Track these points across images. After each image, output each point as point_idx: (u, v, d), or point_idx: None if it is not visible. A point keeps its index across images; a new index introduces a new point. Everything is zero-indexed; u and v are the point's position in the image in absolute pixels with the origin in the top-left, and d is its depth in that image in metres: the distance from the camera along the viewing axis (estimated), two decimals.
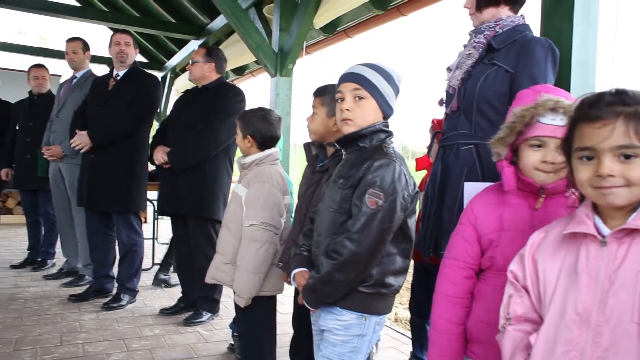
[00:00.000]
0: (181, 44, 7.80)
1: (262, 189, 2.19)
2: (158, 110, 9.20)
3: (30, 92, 4.59)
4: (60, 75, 7.72)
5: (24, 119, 4.46)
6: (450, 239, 1.49)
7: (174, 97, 9.00)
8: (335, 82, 1.67)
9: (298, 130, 4.49)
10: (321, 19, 4.54)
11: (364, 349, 1.58)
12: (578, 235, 1.01)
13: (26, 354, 2.64)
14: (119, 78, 3.58)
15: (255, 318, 2.25)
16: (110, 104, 3.49)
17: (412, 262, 1.84)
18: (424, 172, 2.65)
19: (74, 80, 4.16)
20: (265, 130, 2.32)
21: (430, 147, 2.57)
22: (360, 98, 1.56)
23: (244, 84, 7.58)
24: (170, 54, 8.58)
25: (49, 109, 4.21)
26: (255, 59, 6.27)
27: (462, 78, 1.92)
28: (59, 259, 4.58)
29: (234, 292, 2.21)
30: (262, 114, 2.37)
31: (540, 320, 1.05)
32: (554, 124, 1.27)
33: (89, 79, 4.05)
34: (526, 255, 1.09)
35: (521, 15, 1.92)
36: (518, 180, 1.35)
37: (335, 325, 1.57)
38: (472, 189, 1.79)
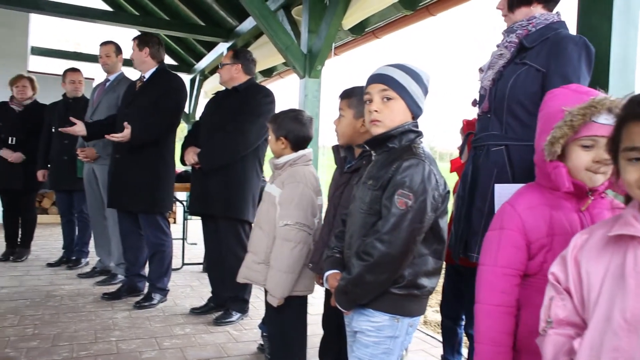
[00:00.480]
0: (210, 46, 7.89)
1: (296, 189, 2.21)
2: (186, 112, 9.40)
3: (64, 95, 4.70)
4: (93, 79, 7.91)
5: (60, 121, 4.55)
6: (490, 244, 1.44)
7: (203, 99, 9.12)
8: (363, 83, 1.67)
9: (326, 132, 4.50)
10: (350, 20, 4.54)
11: (397, 350, 1.58)
12: (624, 238, 0.98)
13: (63, 350, 2.71)
14: (144, 80, 3.65)
15: (287, 318, 2.26)
16: (135, 105, 3.56)
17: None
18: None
19: (107, 83, 4.24)
20: (297, 130, 2.33)
21: (462, 149, 2.54)
22: (389, 99, 1.55)
23: (272, 86, 7.63)
24: (199, 57, 8.69)
25: (84, 112, 4.30)
26: (284, 61, 6.32)
27: (493, 78, 1.90)
28: (92, 258, 4.68)
29: (267, 292, 2.21)
30: (293, 114, 2.38)
31: (584, 325, 1.02)
32: (608, 123, 1.24)
33: (122, 82, 4.14)
34: (568, 257, 1.07)
35: (556, 12, 1.88)
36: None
37: (368, 326, 1.56)
38: (502, 191, 1.77)
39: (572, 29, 1.91)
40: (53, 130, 4.62)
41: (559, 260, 1.09)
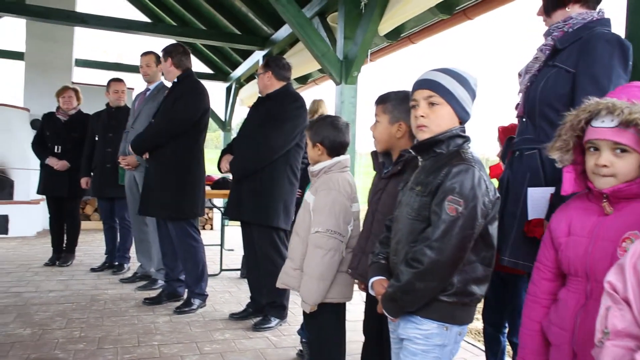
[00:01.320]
0: (245, 54, 8.01)
1: (328, 197, 2.21)
2: (222, 119, 9.52)
3: (107, 105, 4.85)
4: (132, 89, 8.13)
5: (103, 130, 4.71)
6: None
7: (239, 107, 9.25)
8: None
9: (363, 138, 4.49)
10: (386, 26, 4.52)
11: (445, 359, 1.55)
12: None
13: (109, 352, 2.77)
14: (169, 88, 3.75)
15: (322, 325, 2.25)
16: (159, 113, 3.66)
17: None
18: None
19: (148, 92, 4.34)
20: (334, 136, 2.33)
21: (503, 155, 2.49)
22: (435, 104, 1.54)
23: (307, 93, 7.68)
24: (235, 65, 8.82)
25: (126, 120, 4.42)
26: (319, 68, 6.35)
27: (529, 82, 1.88)
28: (133, 263, 4.79)
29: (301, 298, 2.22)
30: (329, 120, 2.39)
31: None
32: (604, 126, 1.27)
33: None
34: (627, 265, 1.02)
35: (599, 10, 1.82)
36: (586, 186, 1.37)
37: (416, 334, 1.54)
38: (536, 194, 1.76)
39: (621, 29, 1.85)
40: (97, 138, 4.76)
41: (616, 269, 1.05)
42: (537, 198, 1.55)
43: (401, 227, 1.59)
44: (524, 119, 1.88)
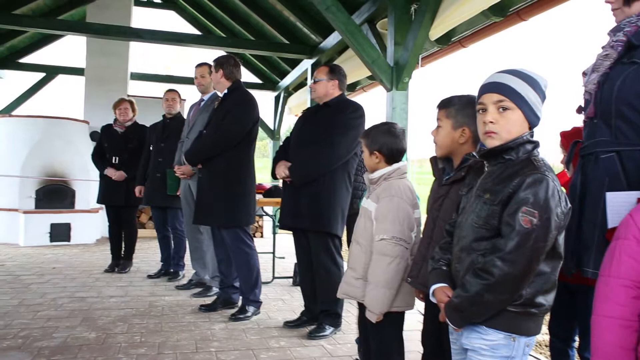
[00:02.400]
0: (294, 63, 8.10)
1: (391, 203, 2.18)
2: (271, 128, 9.66)
3: (163, 116, 4.99)
4: (184, 100, 8.37)
5: (157, 140, 4.85)
6: (608, 255, 1.38)
7: (287, 116, 9.35)
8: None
9: (416, 144, 4.44)
10: (437, 31, 4.47)
11: None
12: None
13: (168, 358, 2.84)
14: (219, 99, 3.82)
15: (386, 334, 2.22)
16: (211, 124, 3.74)
17: None
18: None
19: (202, 103, 4.44)
20: (391, 143, 2.31)
21: (567, 161, 2.39)
22: (505, 109, 1.48)
23: (356, 100, 7.67)
24: (283, 74, 8.93)
25: (180, 130, 4.53)
26: (368, 75, 6.34)
27: (598, 81, 1.77)
28: (188, 270, 4.90)
29: (365, 308, 2.19)
30: (386, 128, 2.37)
31: None
32: None
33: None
34: None
35: None
36: None
37: (481, 345, 1.49)
38: (616, 200, 1.65)
39: None
40: (151, 148, 4.91)
41: None
42: (619, 203, 1.46)
43: (465, 234, 1.55)
44: (594, 121, 1.76)
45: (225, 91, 3.76)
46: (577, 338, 2.33)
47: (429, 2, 4.14)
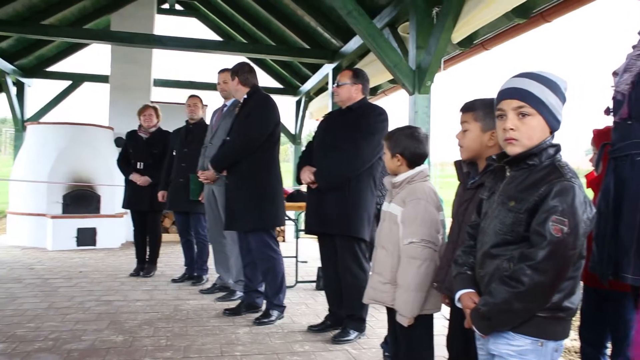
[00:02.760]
0: (314, 68, 8.13)
1: (418, 206, 2.17)
2: (292, 133, 9.70)
3: (186, 121, 5.05)
4: (206, 105, 8.47)
5: (180, 145, 4.91)
6: None
7: (308, 120, 9.38)
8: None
9: (437, 148, 4.41)
10: (459, 34, 4.45)
11: None
12: None
13: None
14: (239, 105, 3.87)
15: (417, 337, 2.21)
16: (233, 130, 3.78)
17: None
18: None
19: (225, 108, 4.48)
20: (413, 147, 2.30)
21: (596, 162, 2.35)
22: (525, 115, 1.45)
23: (377, 104, 7.67)
24: (304, 79, 8.97)
25: (203, 136, 4.57)
26: (389, 79, 6.34)
27: (632, 82, 1.74)
28: (212, 275, 4.93)
29: (393, 311, 2.18)
30: (409, 131, 2.37)
31: None
32: None
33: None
34: None
35: None
36: None
37: (508, 350, 1.47)
38: None
39: None
40: (174, 153, 4.97)
41: None
42: None
43: (488, 240, 1.54)
44: (628, 122, 1.73)
45: (245, 97, 3.79)
46: (609, 345, 2.29)
47: (451, 5, 4.12)
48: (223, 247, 4.49)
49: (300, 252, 5.30)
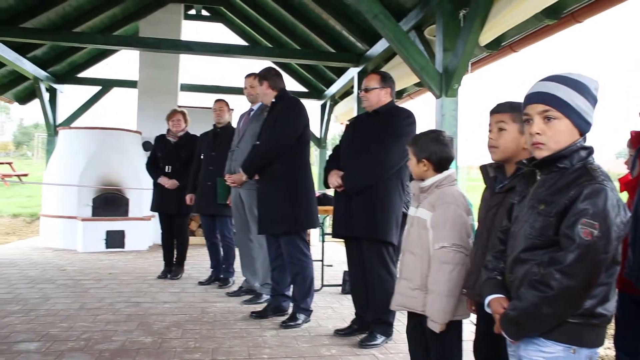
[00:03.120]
0: (340, 72, 8.14)
1: (448, 211, 2.15)
2: (317, 136, 9.73)
3: (214, 125, 5.11)
4: (232, 109, 8.56)
5: (207, 149, 4.97)
6: None
7: (333, 124, 9.39)
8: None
9: (465, 151, 4.37)
10: (487, 36, 4.41)
11: None
12: None
13: None
14: (268, 109, 3.89)
15: (448, 343, 2.18)
16: (262, 134, 3.80)
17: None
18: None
19: (252, 112, 4.51)
20: (439, 152, 2.29)
21: (632, 164, 2.30)
22: (551, 119, 1.44)
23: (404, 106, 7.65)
24: (329, 83, 8.98)
25: (230, 139, 4.61)
26: (415, 82, 6.30)
27: None
28: (238, 277, 4.97)
29: (426, 318, 2.16)
30: (434, 135, 2.35)
31: None
32: None
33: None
34: None
35: None
36: None
37: (539, 357, 1.45)
38: None
39: None
40: (202, 157, 5.03)
41: None
42: None
43: (518, 244, 1.52)
44: None
45: (273, 100, 3.82)
46: None
47: (478, 7, 4.08)
48: (250, 250, 4.52)
49: (325, 255, 5.29)
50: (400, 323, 3.66)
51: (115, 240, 7.36)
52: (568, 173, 1.43)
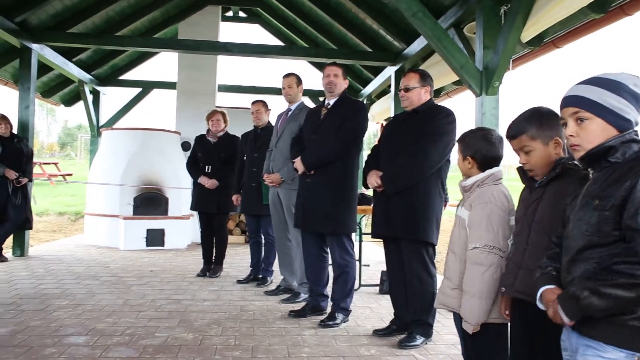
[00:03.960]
0: (376, 71, 8.09)
1: (484, 210, 2.12)
2: None
3: (255, 126, 5.15)
4: (270, 109, 8.63)
5: (250, 150, 5.02)
6: None
7: (370, 123, 9.34)
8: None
9: (506, 150, 4.28)
10: (529, 32, 4.30)
11: None
12: None
13: None
14: (329, 107, 3.82)
15: (485, 347, 2.14)
16: (321, 131, 3.75)
17: None
18: None
19: (290, 112, 4.53)
20: (485, 150, 2.25)
21: None
22: (582, 120, 1.46)
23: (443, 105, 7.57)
24: (365, 82, 8.95)
25: (270, 140, 4.65)
26: (453, 80, 6.21)
27: None
28: (276, 277, 5.01)
29: (462, 318, 2.13)
30: (482, 133, 2.32)
31: None
32: None
33: (303, 110, 4.39)
34: None
35: None
36: None
37: None
38: None
39: None
40: (245, 158, 5.09)
41: None
42: None
43: (574, 244, 1.48)
44: None
45: (336, 98, 3.83)
46: None
47: (520, 3, 3.99)
48: (288, 249, 4.55)
49: (362, 255, 5.28)
50: (440, 324, 3.62)
51: (155, 238, 7.53)
52: (620, 166, 1.41)
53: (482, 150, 2.25)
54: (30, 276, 5.16)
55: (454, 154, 3.20)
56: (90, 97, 9.35)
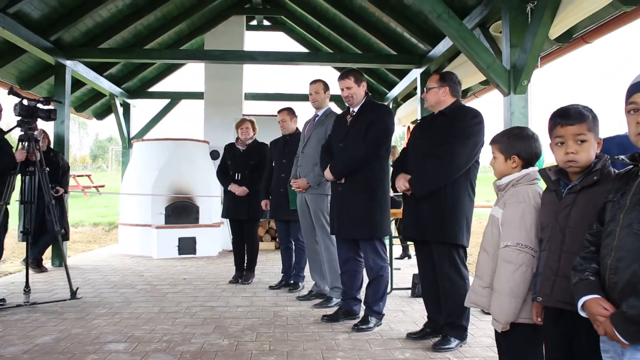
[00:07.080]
0: (401, 74, 8.08)
1: (517, 209, 2.10)
2: None
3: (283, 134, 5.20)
4: (296, 116, 8.69)
5: (278, 156, 5.07)
6: None
7: (396, 126, 9.32)
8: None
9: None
10: (557, 29, 4.25)
11: None
12: None
13: None
14: (354, 113, 3.84)
15: (515, 347, 2.12)
16: (349, 138, 3.76)
17: None
18: None
19: (316, 118, 4.56)
20: (528, 147, 2.24)
21: None
22: None
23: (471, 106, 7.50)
24: (391, 85, 8.94)
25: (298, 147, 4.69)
26: (480, 80, 6.15)
27: None
28: (308, 282, 5.03)
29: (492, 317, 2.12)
30: (519, 131, 2.33)
31: None
32: None
33: (330, 116, 4.42)
34: None
35: None
36: None
37: None
38: None
39: None
40: (274, 164, 5.14)
41: None
42: None
43: (622, 243, 1.43)
44: None
45: (361, 103, 3.84)
46: None
47: None
48: (317, 254, 4.57)
49: (393, 258, 5.26)
50: (474, 327, 3.58)
51: (187, 246, 7.66)
52: None
53: (525, 147, 2.23)
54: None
55: (483, 155, 3.19)
56: (121, 110, 9.59)
